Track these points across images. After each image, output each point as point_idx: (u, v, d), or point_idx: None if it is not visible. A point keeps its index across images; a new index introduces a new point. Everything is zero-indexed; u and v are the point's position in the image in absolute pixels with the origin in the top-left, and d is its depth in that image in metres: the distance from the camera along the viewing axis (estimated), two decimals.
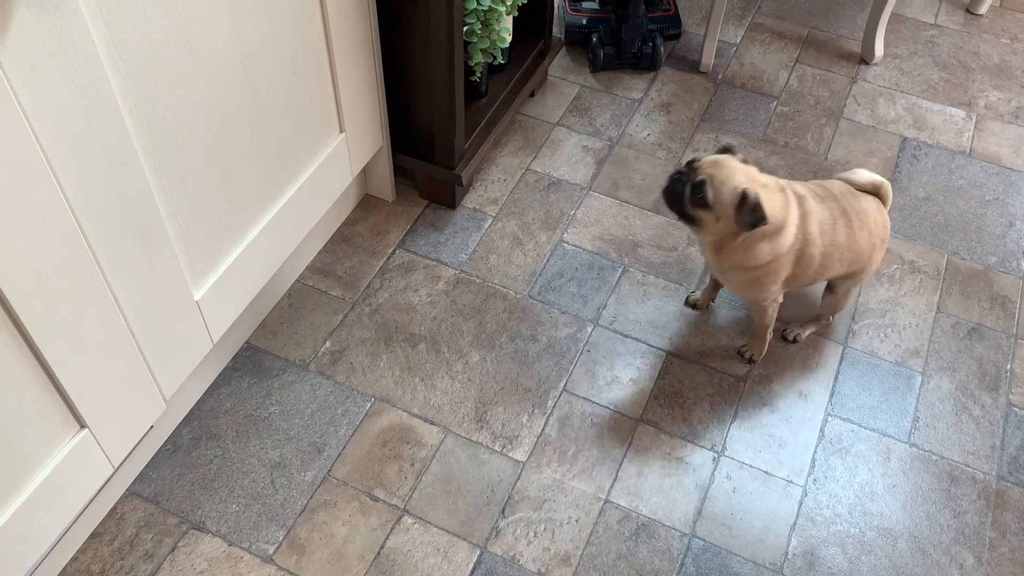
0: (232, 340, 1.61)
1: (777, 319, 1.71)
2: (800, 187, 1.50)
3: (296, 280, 1.74)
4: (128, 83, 1.07)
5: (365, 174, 1.86)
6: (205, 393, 1.57)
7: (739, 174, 1.37)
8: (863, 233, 1.51)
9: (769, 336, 1.63)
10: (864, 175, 1.55)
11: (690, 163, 1.41)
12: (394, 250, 1.81)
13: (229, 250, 1.39)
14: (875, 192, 1.55)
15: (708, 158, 1.40)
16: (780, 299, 1.55)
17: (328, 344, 1.65)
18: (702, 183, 1.37)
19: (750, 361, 1.65)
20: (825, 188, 1.53)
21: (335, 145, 1.58)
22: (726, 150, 1.43)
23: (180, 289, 1.29)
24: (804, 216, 1.45)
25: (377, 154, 1.78)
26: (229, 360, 1.62)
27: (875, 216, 1.53)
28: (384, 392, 1.59)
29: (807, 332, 1.69)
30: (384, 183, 1.86)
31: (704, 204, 1.37)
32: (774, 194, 1.41)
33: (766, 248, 1.43)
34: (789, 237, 1.44)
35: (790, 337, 1.69)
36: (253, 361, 1.62)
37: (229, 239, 1.38)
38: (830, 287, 1.63)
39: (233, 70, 1.25)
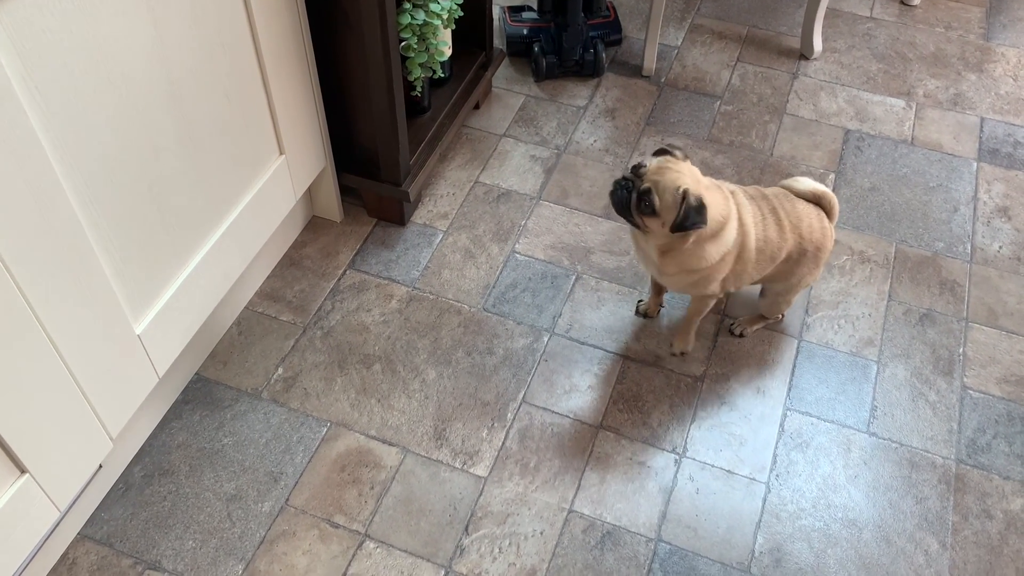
0: (181, 372, 1.57)
1: (724, 314, 1.72)
2: (732, 185, 1.50)
3: (245, 307, 1.71)
4: (48, 116, 1.04)
5: (311, 195, 1.83)
6: (156, 428, 1.54)
7: (684, 177, 1.37)
8: (793, 236, 1.50)
9: (694, 328, 1.63)
10: (806, 183, 1.54)
11: (636, 168, 1.40)
12: (344, 271, 1.78)
13: (169, 281, 1.36)
14: (816, 201, 1.54)
15: (653, 163, 1.39)
16: (720, 294, 1.55)
17: (280, 371, 1.62)
18: (648, 191, 1.36)
19: (681, 355, 1.64)
20: (757, 189, 1.54)
21: (275, 168, 1.56)
22: (664, 151, 1.42)
23: (119, 324, 1.26)
24: (737, 207, 1.46)
25: (321, 175, 1.76)
26: (179, 393, 1.58)
27: (810, 222, 1.51)
28: (340, 416, 1.56)
29: (754, 328, 1.69)
30: (331, 204, 1.83)
31: (652, 212, 1.37)
32: (714, 193, 1.41)
33: (713, 249, 1.43)
34: (732, 232, 1.44)
35: (737, 331, 1.69)
36: (204, 393, 1.59)
37: (168, 269, 1.35)
38: (762, 292, 1.64)
39: (161, 98, 1.22)
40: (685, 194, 1.34)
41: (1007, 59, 2.31)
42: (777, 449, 1.54)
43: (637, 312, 1.73)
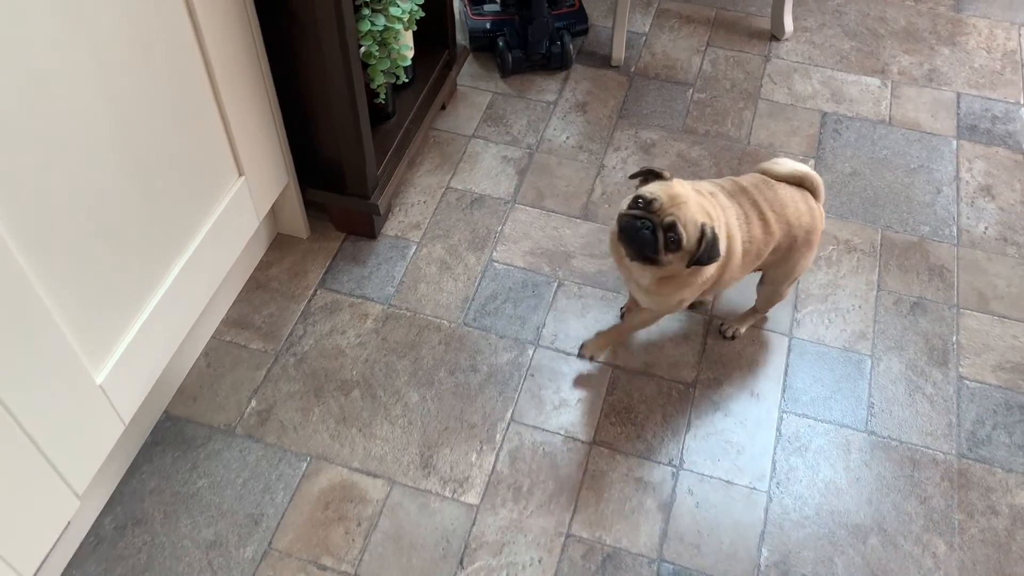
0: (148, 412, 1.48)
1: (714, 315, 1.66)
2: (708, 185, 1.43)
3: (212, 337, 1.62)
4: None
5: (275, 213, 1.74)
6: (125, 474, 1.45)
7: (695, 206, 1.30)
8: (779, 226, 1.43)
9: (624, 339, 1.60)
10: (785, 165, 1.46)
11: (644, 203, 1.30)
12: (315, 291, 1.70)
13: (129, 324, 1.27)
14: (799, 183, 1.46)
15: (663, 194, 1.30)
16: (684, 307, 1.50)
17: (254, 403, 1.54)
18: (673, 225, 1.28)
19: (591, 359, 1.59)
20: (735, 183, 1.45)
21: (235, 190, 1.46)
22: (652, 172, 1.35)
23: (78, 376, 1.17)
24: (723, 211, 1.39)
25: (284, 192, 1.67)
26: (147, 435, 1.49)
27: (796, 207, 1.43)
28: (320, 449, 1.48)
29: (745, 327, 1.64)
30: (296, 220, 1.74)
31: (679, 247, 1.29)
32: (706, 202, 1.34)
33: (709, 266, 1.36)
34: (723, 241, 1.37)
35: (728, 334, 1.64)
36: (174, 432, 1.50)
37: (128, 311, 1.26)
38: (763, 280, 1.58)
39: (108, 131, 1.13)
40: (703, 228, 1.28)
41: (979, 31, 2.27)
42: (776, 455, 1.50)
43: (622, 318, 1.67)
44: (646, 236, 1.29)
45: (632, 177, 1.39)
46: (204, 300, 1.45)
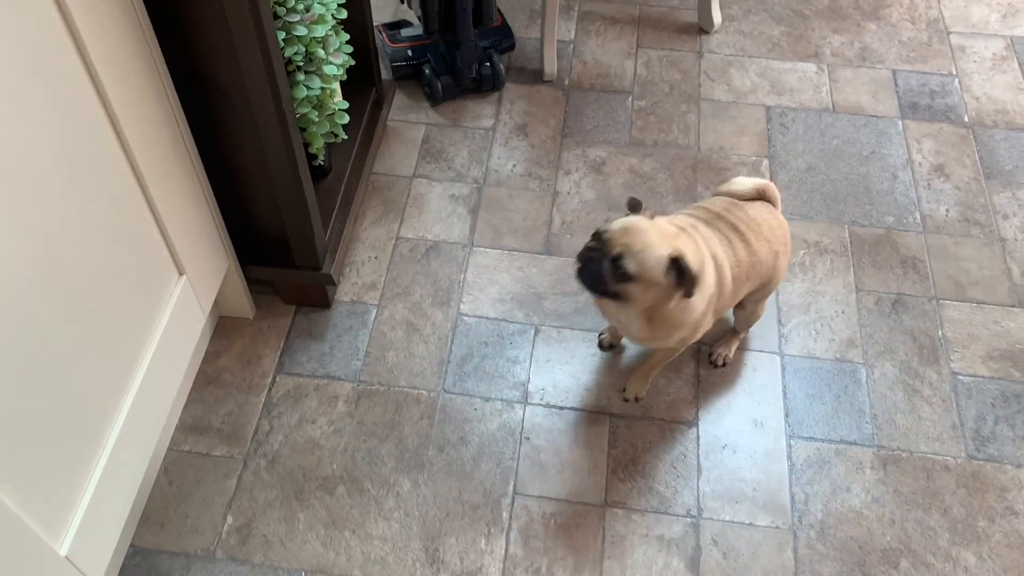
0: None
1: (694, 344, 1.59)
2: (684, 218, 1.38)
3: (169, 448, 1.45)
4: None
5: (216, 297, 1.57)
6: None
7: (654, 236, 1.22)
8: (761, 243, 1.38)
9: (654, 374, 1.51)
10: (743, 183, 1.43)
11: (597, 235, 1.24)
12: (273, 378, 1.54)
13: (86, 478, 1.10)
14: (760, 196, 1.42)
15: (616, 225, 1.23)
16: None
17: (230, 519, 1.38)
18: (620, 256, 1.20)
19: (636, 400, 1.52)
20: (707, 209, 1.40)
21: (179, 292, 1.30)
22: (635, 206, 1.27)
23: (40, 554, 1.00)
24: (706, 243, 1.33)
25: (226, 275, 1.50)
26: None
27: (769, 223, 1.40)
28: (314, 560, 1.35)
29: (733, 350, 1.58)
30: (239, 300, 1.58)
31: (628, 277, 1.21)
32: (684, 239, 1.26)
33: (698, 298, 1.28)
34: (711, 273, 1.31)
35: (719, 362, 1.57)
36: (146, 568, 1.34)
37: (82, 465, 1.09)
38: (739, 304, 1.52)
39: (35, 277, 0.96)
40: (674, 260, 1.20)
41: (900, 1, 2.26)
42: (792, 488, 1.44)
43: (601, 346, 1.59)
44: (593, 268, 1.23)
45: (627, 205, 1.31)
46: (160, 423, 1.29)
